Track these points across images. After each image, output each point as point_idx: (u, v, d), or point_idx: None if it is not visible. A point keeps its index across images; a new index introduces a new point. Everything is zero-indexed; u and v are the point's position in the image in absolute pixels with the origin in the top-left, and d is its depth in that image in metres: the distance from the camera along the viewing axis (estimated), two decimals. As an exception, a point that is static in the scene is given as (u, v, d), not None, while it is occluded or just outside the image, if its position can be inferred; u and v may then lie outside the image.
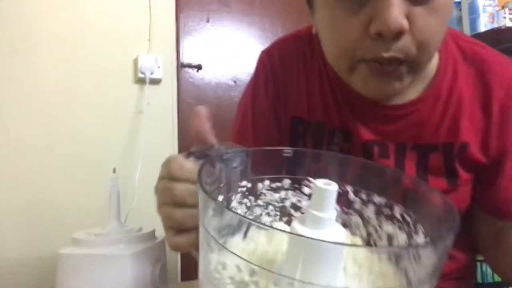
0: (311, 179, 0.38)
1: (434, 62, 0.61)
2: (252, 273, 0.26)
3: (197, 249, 0.37)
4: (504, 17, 1.99)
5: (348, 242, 0.35)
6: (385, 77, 0.50)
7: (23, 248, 1.55)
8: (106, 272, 0.99)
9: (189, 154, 0.44)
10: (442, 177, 0.60)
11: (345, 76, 0.55)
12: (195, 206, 0.37)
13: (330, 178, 0.30)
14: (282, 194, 0.38)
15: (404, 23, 0.45)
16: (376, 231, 0.38)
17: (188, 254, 0.46)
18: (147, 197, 0.99)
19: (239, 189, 0.37)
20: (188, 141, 0.46)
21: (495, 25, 1.98)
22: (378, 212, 0.37)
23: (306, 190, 0.38)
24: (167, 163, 0.44)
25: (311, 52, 0.69)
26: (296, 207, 0.39)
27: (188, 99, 1.90)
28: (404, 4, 0.45)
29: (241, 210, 0.38)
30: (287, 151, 0.37)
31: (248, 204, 0.38)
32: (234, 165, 0.36)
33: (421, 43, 0.47)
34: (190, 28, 1.95)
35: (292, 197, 0.39)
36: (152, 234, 1.18)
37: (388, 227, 0.37)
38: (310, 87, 0.68)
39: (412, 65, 0.50)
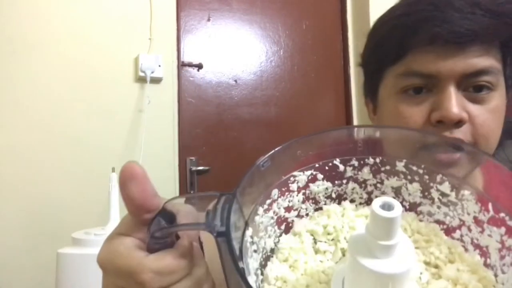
0: (296, 173, 0.36)
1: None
2: None
3: None
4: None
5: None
6: (445, 165, 0.54)
7: (23, 248, 1.55)
8: (106, 272, 0.98)
9: (151, 238, 0.30)
10: None
11: None
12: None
13: (310, 163, 0.28)
14: (275, 207, 0.35)
15: (464, 114, 0.50)
16: (377, 188, 0.36)
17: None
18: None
19: (248, 243, 0.31)
20: (186, 144, 0.40)
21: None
22: (376, 171, 0.36)
23: (293, 186, 0.37)
24: (130, 275, 0.29)
25: None
26: (288, 208, 0.37)
27: (189, 98, 1.89)
28: (464, 101, 0.51)
29: (254, 262, 0.31)
30: (264, 160, 0.33)
31: (255, 248, 0.32)
32: (233, 220, 0.29)
33: (481, 136, 0.52)
34: (191, 27, 1.94)
35: (283, 202, 0.36)
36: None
37: (392, 181, 0.36)
38: None
39: (472, 155, 0.52)
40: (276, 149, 0.34)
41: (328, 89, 2.16)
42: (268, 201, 0.34)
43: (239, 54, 2.01)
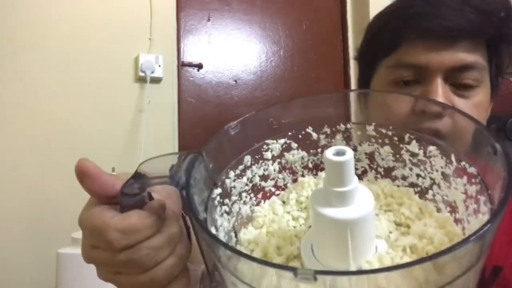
0: (269, 141, 0.36)
1: None
2: None
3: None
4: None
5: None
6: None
7: (23, 248, 1.55)
8: (106, 272, 0.99)
9: (121, 196, 0.32)
10: None
11: None
12: (159, 262, 0.32)
13: (281, 133, 0.27)
14: (248, 173, 0.35)
15: None
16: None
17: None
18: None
19: (216, 202, 0.32)
20: (186, 144, 0.42)
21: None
22: (348, 138, 0.36)
23: (267, 154, 0.36)
24: (99, 232, 0.31)
25: None
26: (264, 177, 0.37)
27: (189, 98, 1.89)
28: (449, 94, 0.54)
29: (225, 222, 0.32)
30: (233, 125, 0.34)
31: (227, 210, 0.33)
32: (197, 176, 0.29)
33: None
34: (191, 27, 1.94)
35: (257, 170, 0.36)
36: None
37: (364, 147, 0.36)
38: None
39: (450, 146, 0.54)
40: (246, 115, 0.35)
41: (328, 89, 2.16)
42: (241, 167, 0.35)
43: (239, 54, 2.01)
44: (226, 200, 0.33)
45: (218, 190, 0.32)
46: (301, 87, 2.09)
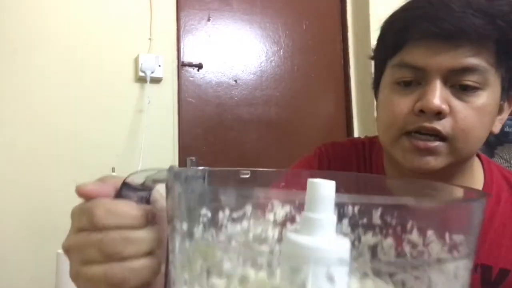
0: (275, 201, 0.33)
1: (478, 187, 0.65)
2: None
3: None
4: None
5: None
6: (423, 151, 0.55)
7: (23, 248, 1.55)
8: (106, 272, 0.99)
9: (122, 189, 0.34)
10: None
11: (389, 149, 0.61)
12: (135, 256, 0.32)
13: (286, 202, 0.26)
14: (244, 224, 0.32)
15: (444, 106, 0.53)
16: (354, 246, 0.32)
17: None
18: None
19: (200, 219, 0.30)
20: (186, 144, 0.41)
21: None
22: (355, 225, 0.32)
23: (269, 216, 0.33)
24: (86, 211, 0.33)
25: (368, 157, 0.73)
26: (260, 240, 0.33)
27: (189, 98, 1.89)
28: (448, 96, 0.55)
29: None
30: (245, 172, 0.33)
31: (210, 239, 0.31)
32: (193, 188, 0.29)
33: (460, 131, 0.54)
34: (191, 27, 1.94)
35: (254, 228, 0.32)
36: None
37: (368, 237, 0.32)
38: None
39: (450, 147, 0.55)
40: (261, 169, 0.33)
41: (328, 89, 2.16)
42: (239, 213, 0.31)
43: (239, 54, 2.01)
44: (212, 230, 0.30)
45: (207, 212, 0.30)
46: (301, 87, 2.09)
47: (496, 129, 0.61)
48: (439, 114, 0.54)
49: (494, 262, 0.60)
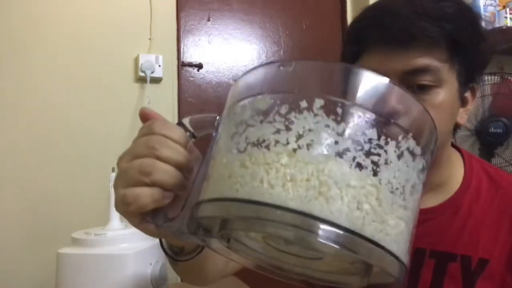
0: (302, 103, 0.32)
1: (458, 180, 0.67)
2: None
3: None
4: (505, 17, 1.98)
5: None
6: None
7: (23, 248, 1.55)
8: (106, 272, 0.98)
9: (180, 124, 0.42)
10: None
11: None
12: (167, 160, 0.37)
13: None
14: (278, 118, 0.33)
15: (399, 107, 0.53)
16: None
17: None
18: (147, 197, 0.97)
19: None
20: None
21: (496, 25, 1.98)
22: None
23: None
24: (148, 124, 0.41)
25: None
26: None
27: (189, 98, 1.89)
28: None
29: None
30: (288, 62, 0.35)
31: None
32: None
33: None
34: (191, 27, 1.94)
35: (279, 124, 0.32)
36: (152, 234, 1.17)
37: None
38: None
39: None
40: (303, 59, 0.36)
41: (328, 89, 2.16)
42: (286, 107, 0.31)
43: (239, 54, 2.01)
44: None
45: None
46: (301, 87, 2.09)
47: (463, 120, 0.64)
48: (394, 115, 0.55)
49: (474, 252, 0.62)
